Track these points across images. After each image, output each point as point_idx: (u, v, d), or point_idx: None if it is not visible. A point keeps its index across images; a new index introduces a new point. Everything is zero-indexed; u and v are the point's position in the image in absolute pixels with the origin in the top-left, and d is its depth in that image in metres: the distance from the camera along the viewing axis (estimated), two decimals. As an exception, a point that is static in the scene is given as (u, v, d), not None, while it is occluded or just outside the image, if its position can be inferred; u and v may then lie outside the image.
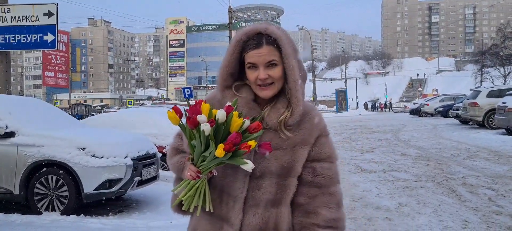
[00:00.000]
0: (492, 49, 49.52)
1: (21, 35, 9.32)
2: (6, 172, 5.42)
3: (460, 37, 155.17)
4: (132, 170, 5.65)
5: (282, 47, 1.44)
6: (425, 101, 34.30)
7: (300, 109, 1.45)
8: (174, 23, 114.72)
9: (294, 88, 1.44)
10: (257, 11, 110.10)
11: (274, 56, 1.43)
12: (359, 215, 5.20)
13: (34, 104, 7.13)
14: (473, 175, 7.52)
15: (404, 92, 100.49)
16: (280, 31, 1.46)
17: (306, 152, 1.48)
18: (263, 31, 1.45)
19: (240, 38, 1.46)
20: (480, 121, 17.00)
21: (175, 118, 1.38)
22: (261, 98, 1.49)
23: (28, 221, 5.08)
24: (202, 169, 1.38)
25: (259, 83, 1.44)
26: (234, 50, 1.46)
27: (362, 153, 11.08)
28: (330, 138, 1.56)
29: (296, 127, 1.46)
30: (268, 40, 1.44)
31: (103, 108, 47.59)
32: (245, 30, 1.47)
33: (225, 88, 1.50)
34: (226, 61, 1.48)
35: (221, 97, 1.50)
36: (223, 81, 1.49)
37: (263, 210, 1.45)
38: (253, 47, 1.44)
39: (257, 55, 1.43)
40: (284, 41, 1.44)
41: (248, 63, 1.44)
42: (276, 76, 1.44)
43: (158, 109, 11.28)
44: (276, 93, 1.47)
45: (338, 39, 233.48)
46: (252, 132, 1.36)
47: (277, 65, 1.44)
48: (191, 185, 1.42)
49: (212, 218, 1.48)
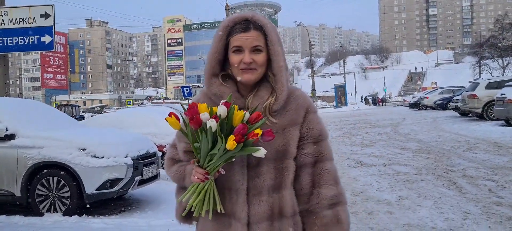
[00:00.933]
0: (490, 41, 49.38)
1: (18, 37, 9.31)
2: (7, 174, 5.43)
3: (458, 29, 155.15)
4: (132, 170, 5.66)
5: (268, 33, 1.47)
6: (424, 94, 34.31)
7: (284, 95, 1.47)
8: (171, 22, 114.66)
9: (279, 73, 1.47)
10: (254, 8, 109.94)
11: (260, 42, 1.46)
12: (360, 209, 5.22)
13: (33, 106, 7.14)
14: (473, 167, 7.54)
15: (403, 86, 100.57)
16: (266, 20, 1.49)
17: (297, 131, 1.49)
18: (250, 18, 1.48)
19: (227, 24, 1.49)
20: (479, 113, 17.03)
21: (176, 123, 1.38)
22: (244, 89, 1.50)
23: (31, 222, 5.10)
24: (210, 169, 1.37)
25: (242, 67, 1.45)
26: (221, 36, 1.48)
27: (362, 147, 11.09)
28: (318, 114, 1.57)
29: (282, 109, 1.47)
30: (255, 26, 1.47)
31: (103, 108, 47.53)
32: (231, 17, 1.50)
33: (212, 76, 1.51)
34: (214, 48, 1.49)
35: (208, 85, 1.51)
36: (212, 68, 1.50)
37: (267, 197, 1.45)
38: (241, 31, 1.46)
39: (244, 38, 1.45)
40: (270, 28, 1.48)
41: (234, 47, 1.46)
42: (260, 62, 1.46)
43: (157, 109, 11.29)
44: (258, 79, 1.48)
45: (336, 34, 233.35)
46: (253, 123, 1.37)
47: (262, 52, 1.46)
48: (200, 189, 1.40)
49: (219, 217, 1.47)
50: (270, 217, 1.44)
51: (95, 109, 50.88)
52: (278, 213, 1.45)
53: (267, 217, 1.44)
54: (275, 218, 1.44)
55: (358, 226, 4.58)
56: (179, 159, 1.58)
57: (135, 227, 4.91)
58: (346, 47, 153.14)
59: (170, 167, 1.59)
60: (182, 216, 1.53)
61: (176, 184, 1.60)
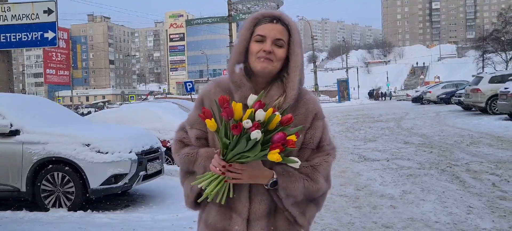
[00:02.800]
0: (494, 35, 49.10)
1: (22, 33, 9.33)
2: (13, 169, 5.46)
3: (461, 23, 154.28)
4: (137, 165, 5.68)
5: (292, 33, 1.50)
6: (427, 88, 34.21)
7: (293, 94, 1.48)
8: (173, 17, 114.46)
9: (293, 73, 1.49)
10: (257, 2, 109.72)
11: (283, 37, 1.49)
12: (364, 204, 5.23)
13: (37, 102, 7.16)
14: (476, 161, 7.53)
15: (405, 80, 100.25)
16: (293, 21, 1.53)
17: (301, 136, 1.51)
18: (278, 15, 1.52)
19: (256, 17, 1.53)
20: (483, 107, 16.97)
21: (215, 125, 1.39)
22: (257, 86, 1.51)
23: (36, 217, 5.13)
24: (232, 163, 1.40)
25: (261, 55, 1.47)
26: (249, 26, 1.52)
27: (365, 142, 11.09)
28: (326, 121, 1.59)
29: (292, 111, 1.48)
30: (282, 22, 1.51)
31: (106, 104, 47.63)
32: (261, 12, 1.54)
33: (237, 63, 1.52)
34: (243, 35, 1.52)
35: (231, 71, 1.52)
36: (238, 54, 1.51)
37: (267, 196, 1.49)
38: (268, 21, 1.50)
39: (269, 28, 1.48)
40: (295, 30, 1.51)
41: (257, 35, 1.49)
42: (278, 56, 1.48)
43: (161, 104, 11.31)
44: (272, 71, 1.50)
45: (339, 28, 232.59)
46: (284, 124, 1.38)
47: (283, 48, 1.49)
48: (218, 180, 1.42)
49: (221, 209, 1.51)
50: (268, 215, 1.51)
51: (98, 104, 51.01)
52: (274, 210, 1.52)
53: (266, 215, 1.50)
54: (272, 215, 1.51)
55: (361, 220, 4.59)
56: (189, 142, 1.59)
57: (140, 222, 4.94)
58: (349, 42, 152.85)
59: (180, 150, 1.59)
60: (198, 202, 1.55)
61: (180, 168, 1.62)
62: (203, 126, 1.53)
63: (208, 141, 1.57)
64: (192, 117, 1.60)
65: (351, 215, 4.82)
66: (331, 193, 5.64)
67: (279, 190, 1.47)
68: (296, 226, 1.54)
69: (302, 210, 1.52)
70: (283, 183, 1.46)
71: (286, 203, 1.49)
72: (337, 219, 4.68)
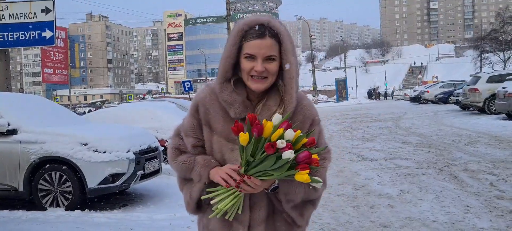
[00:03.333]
0: (491, 35, 49.23)
1: (19, 32, 9.30)
2: (10, 169, 5.45)
3: (459, 23, 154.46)
4: (134, 164, 5.67)
5: (282, 42, 1.45)
6: (425, 88, 34.26)
7: (292, 107, 1.47)
8: (172, 17, 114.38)
9: (289, 85, 1.46)
10: (255, 2, 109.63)
11: (274, 51, 1.44)
12: (362, 203, 5.24)
13: (35, 101, 7.14)
14: (474, 161, 7.54)
15: (404, 79, 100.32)
16: (282, 27, 1.46)
17: None
18: (266, 23, 1.45)
19: (241, 28, 1.45)
20: (481, 107, 17.01)
21: (247, 139, 1.36)
22: (253, 95, 1.49)
23: (34, 217, 5.12)
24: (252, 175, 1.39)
25: (253, 74, 1.44)
26: (235, 40, 1.45)
27: (363, 142, 11.10)
28: (321, 126, 1.60)
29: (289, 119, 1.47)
30: (270, 33, 1.44)
31: (104, 103, 47.55)
32: (246, 21, 1.47)
33: (225, 81, 1.49)
34: (228, 51, 1.47)
35: (219, 90, 1.49)
36: (225, 73, 1.48)
37: (267, 202, 1.52)
38: (256, 37, 1.43)
39: (258, 46, 1.42)
40: (285, 36, 1.45)
41: (246, 53, 1.43)
42: (272, 71, 1.45)
43: (159, 104, 11.30)
44: (267, 87, 1.47)
45: (337, 28, 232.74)
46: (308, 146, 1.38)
47: (275, 61, 1.45)
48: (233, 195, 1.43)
49: (222, 219, 1.50)
50: (267, 219, 1.52)
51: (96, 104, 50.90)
52: (272, 212, 1.54)
53: (265, 219, 1.52)
54: (270, 217, 1.53)
55: (359, 220, 4.59)
56: (185, 150, 1.57)
57: (138, 222, 4.94)
58: (347, 41, 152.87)
59: (176, 157, 1.57)
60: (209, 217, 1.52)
61: (179, 174, 1.60)
62: (199, 134, 1.53)
63: (205, 148, 1.55)
64: (188, 124, 1.57)
65: (349, 214, 4.82)
66: (329, 193, 5.65)
67: (280, 195, 1.48)
68: (294, 227, 1.55)
69: (300, 212, 1.53)
70: (284, 188, 1.47)
71: (286, 207, 1.51)
72: (335, 218, 4.68)
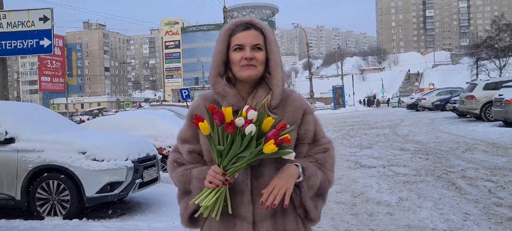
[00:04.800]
0: (487, 42, 49.50)
1: (17, 40, 9.28)
2: (7, 177, 5.42)
3: (455, 30, 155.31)
4: (133, 173, 5.66)
5: (266, 34, 1.55)
6: (422, 95, 34.38)
7: (280, 90, 1.53)
8: (169, 25, 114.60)
9: (275, 70, 1.53)
10: (252, 10, 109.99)
11: (260, 40, 1.53)
12: (361, 211, 5.23)
13: (32, 109, 7.12)
14: (472, 168, 7.56)
15: (400, 87, 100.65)
16: (264, 23, 1.58)
17: (295, 133, 1.54)
18: (249, 21, 1.57)
19: (229, 28, 1.57)
20: (478, 114, 17.06)
21: (207, 128, 1.41)
22: (243, 91, 1.56)
23: (31, 226, 5.09)
24: (230, 172, 1.40)
25: (243, 63, 1.51)
26: (224, 38, 1.55)
27: (361, 149, 11.11)
28: (316, 116, 1.63)
29: (281, 110, 1.53)
30: (255, 27, 1.55)
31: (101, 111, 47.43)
32: (233, 22, 1.59)
33: (218, 75, 1.56)
34: (218, 48, 1.56)
35: (213, 84, 1.56)
36: (217, 67, 1.55)
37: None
38: (242, 29, 1.54)
39: (245, 36, 1.52)
40: (268, 30, 1.57)
41: (235, 45, 1.52)
42: (260, 60, 1.52)
43: (156, 111, 11.29)
44: (258, 76, 1.54)
45: (334, 36, 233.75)
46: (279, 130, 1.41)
47: (262, 50, 1.53)
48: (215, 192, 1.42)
49: (223, 219, 1.49)
50: (274, 215, 1.50)
51: (93, 112, 50.78)
52: (280, 210, 1.50)
53: (270, 215, 1.50)
54: (278, 216, 1.51)
55: (358, 228, 4.59)
56: (183, 162, 1.62)
57: (136, 230, 4.91)
58: (344, 49, 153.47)
59: (175, 170, 1.62)
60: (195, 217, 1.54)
61: (178, 187, 1.62)
62: (194, 139, 1.58)
63: (203, 154, 1.58)
64: (183, 132, 1.63)
65: (348, 222, 4.81)
66: (328, 200, 5.63)
67: (303, 182, 1.49)
68: (306, 222, 1.56)
69: (315, 204, 1.55)
70: (307, 172, 1.50)
71: (305, 196, 1.51)
72: (334, 226, 4.67)
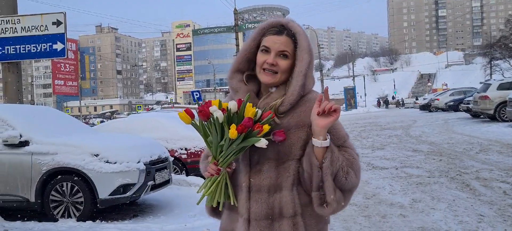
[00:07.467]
0: (501, 41, 48.84)
1: (31, 45, 9.39)
2: (22, 180, 5.49)
3: (468, 30, 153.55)
4: (145, 175, 5.69)
5: (298, 40, 1.50)
6: (435, 96, 34.04)
7: (292, 99, 1.48)
8: (180, 27, 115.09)
9: (296, 78, 1.48)
10: (263, 12, 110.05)
11: (288, 48, 1.50)
12: (373, 213, 5.19)
13: (46, 112, 7.22)
14: (486, 169, 7.46)
15: (413, 87, 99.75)
16: (300, 28, 1.53)
17: (303, 133, 1.48)
18: (285, 23, 1.53)
19: (263, 27, 1.55)
20: (492, 114, 16.84)
21: (187, 118, 1.47)
22: (264, 90, 1.55)
23: (45, 228, 5.15)
24: (220, 163, 1.45)
25: (265, 67, 1.49)
26: (256, 36, 1.55)
27: (373, 150, 11.04)
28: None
29: (292, 111, 1.49)
30: (288, 33, 1.51)
31: (113, 114, 47.80)
32: (268, 21, 1.56)
33: (236, 71, 1.57)
34: (247, 45, 1.56)
35: (229, 78, 1.57)
36: (237, 64, 1.56)
37: (267, 196, 1.48)
38: (274, 33, 1.51)
39: (273, 40, 1.50)
40: (302, 36, 1.51)
41: (263, 46, 1.51)
42: (283, 68, 1.49)
43: (168, 114, 11.34)
44: (276, 83, 1.51)
45: (345, 37, 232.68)
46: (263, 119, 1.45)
47: (288, 58, 1.50)
48: (212, 181, 1.48)
49: (230, 213, 1.56)
50: (270, 217, 1.47)
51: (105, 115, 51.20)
52: (278, 213, 1.47)
53: (266, 216, 1.47)
54: (275, 218, 1.47)
55: (371, 230, 4.55)
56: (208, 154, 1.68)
57: (148, 232, 4.94)
58: (355, 50, 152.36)
59: (202, 161, 1.69)
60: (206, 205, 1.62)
61: None
62: None
63: None
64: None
65: (361, 224, 4.78)
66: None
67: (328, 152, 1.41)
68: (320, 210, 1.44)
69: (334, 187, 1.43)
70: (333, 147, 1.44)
71: (326, 172, 1.40)
72: (347, 228, 4.64)
